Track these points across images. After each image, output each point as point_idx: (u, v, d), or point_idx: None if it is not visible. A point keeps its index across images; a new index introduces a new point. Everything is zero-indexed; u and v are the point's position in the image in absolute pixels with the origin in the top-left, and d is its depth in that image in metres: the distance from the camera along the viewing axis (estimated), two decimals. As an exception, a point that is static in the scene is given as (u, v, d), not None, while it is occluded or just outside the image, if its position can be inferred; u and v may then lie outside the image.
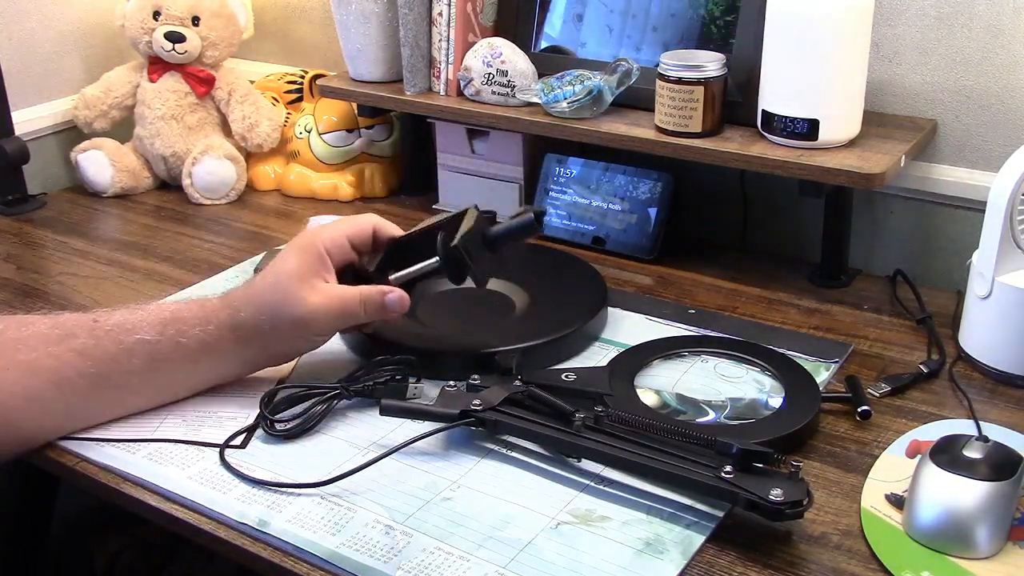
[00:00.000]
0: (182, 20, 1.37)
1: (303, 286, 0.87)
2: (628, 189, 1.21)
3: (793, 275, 1.15)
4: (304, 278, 0.87)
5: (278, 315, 0.87)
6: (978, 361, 0.95)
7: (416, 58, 1.26)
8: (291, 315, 0.87)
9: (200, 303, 0.89)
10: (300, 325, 0.87)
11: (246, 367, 0.91)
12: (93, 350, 0.84)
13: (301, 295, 0.87)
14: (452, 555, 0.73)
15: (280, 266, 0.88)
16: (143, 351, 0.85)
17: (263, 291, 0.88)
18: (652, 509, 0.77)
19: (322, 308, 0.87)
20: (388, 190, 1.42)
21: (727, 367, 0.95)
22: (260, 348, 0.89)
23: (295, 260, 0.88)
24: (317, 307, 0.87)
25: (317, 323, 0.88)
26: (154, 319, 0.86)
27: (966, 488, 0.72)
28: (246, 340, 0.88)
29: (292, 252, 0.89)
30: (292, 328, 0.87)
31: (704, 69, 1.07)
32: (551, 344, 0.96)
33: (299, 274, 0.87)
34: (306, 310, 0.86)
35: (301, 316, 0.87)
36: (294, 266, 0.88)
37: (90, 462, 0.85)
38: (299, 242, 0.90)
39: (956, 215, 1.13)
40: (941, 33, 1.08)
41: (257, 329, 0.87)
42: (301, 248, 0.89)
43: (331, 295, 0.88)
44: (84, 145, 1.42)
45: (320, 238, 0.90)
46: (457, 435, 0.86)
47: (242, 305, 0.88)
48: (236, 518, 0.77)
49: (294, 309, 0.86)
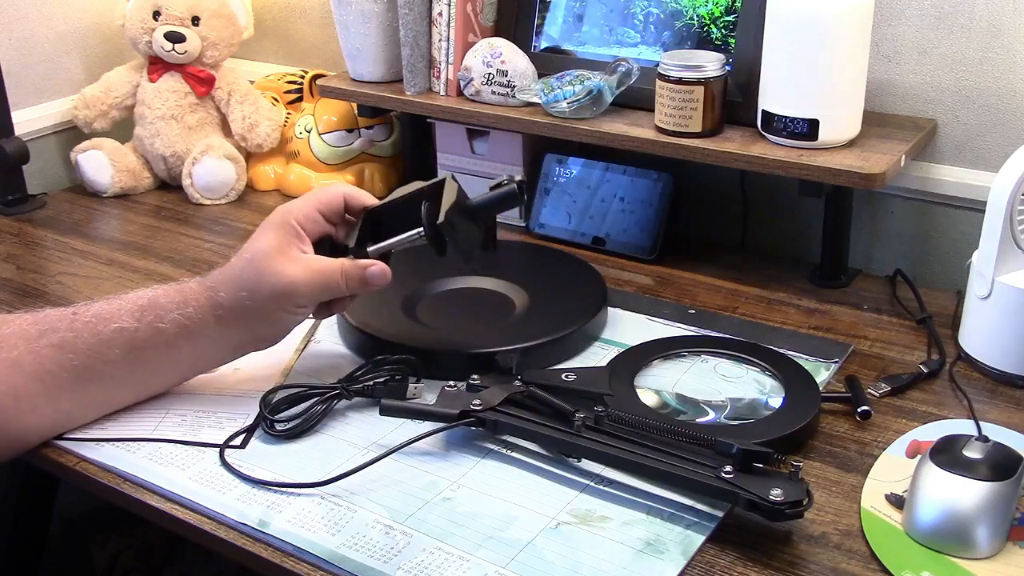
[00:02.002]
0: (182, 20, 1.37)
1: (281, 259, 0.86)
2: (628, 189, 1.21)
3: (793, 275, 1.15)
4: (281, 251, 0.87)
5: (258, 290, 0.86)
6: (978, 361, 0.95)
7: (416, 58, 1.26)
8: (271, 288, 0.86)
9: (178, 287, 0.88)
10: (281, 297, 0.86)
11: (230, 349, 0.90)
12: (72, 342, 0.83)
13: (279, 268, 0.86)
14: (452, 555, 0.73)
15: (256, 243, 0.88)
16: (122, 340, 0.84)
17: (241, 268, 0.87)
18: (652, 509, 0.77)
19: (302, 279, 0.86)
20: (388, 190, 1.41)
21: (727, 367, 0.95)
22: (242, 327, 0.88)
23: (270, 235, 0.88)
24: (296, 278, 0.86)
25: (298, 294, 0.86)
26: (131, 307, 0.86)
27: (966, 488, 0.72)
28: (227, 319, 0.87)
29: (266, 229, 0.89)
30: (273, 301, 0.86)
31: (704, 69, 1.07)
32: (551, 344, 0.96)
33: (276, 247, 0.87)
34: (286, 281, 0.86)
35: (281, 288, 0.86)
36: (270, 240, 0.87)
37: (90, 462, 0.85)
38: (271, 219, 0.89)
39: (956, 215, 1.13)
40: (941, 33, 1.08)
41: (237, 306, 0.86)
42: (274, 224, 0.88)
43: (310, 266, 0.87)
44: (84, 145, 1.42)
45: (292, 212, 0.89)
46: (457, 435, 0.86)
47: (220, 285, 0.87)
48: (236, 518, 0.77)
49: (274, 282, 0.86)
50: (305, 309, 0.89)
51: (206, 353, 0.89)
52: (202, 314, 0.86)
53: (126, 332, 0.85)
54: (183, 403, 0.91)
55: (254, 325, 0.88)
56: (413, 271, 1.11)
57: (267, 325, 0.89)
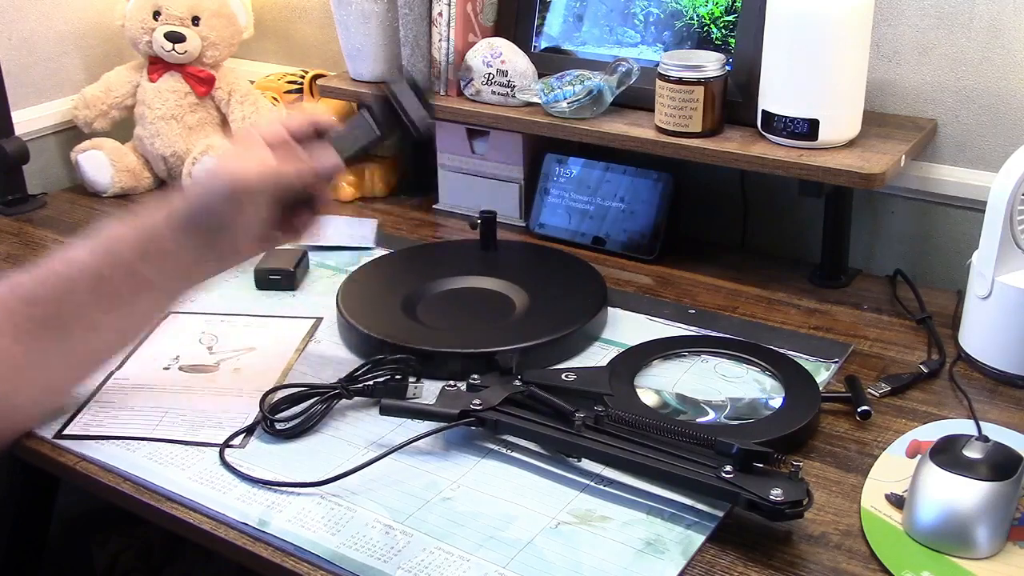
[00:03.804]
0: (182, 20, 1.37)
1: (235, 159, 0.85)
2: (628, 189, 1.21)
3: (793, 275, 1.15)
4: (238, 153, 0.86)
5: (211, 187, 0.84)
6: (978, 361, 0.95)
7: (416, 58, 1.26)
8: (223, 184, 0.84)
9: (134, 212, 0.86)
10: (233, 193, 0.83)
11: (198, 265, 0.87)
12: (37, 291, 0.82)
13: (232, 166, 0.85)
14: (452, 555, 0.73)
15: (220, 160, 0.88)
16: (84, 277, 0.82)
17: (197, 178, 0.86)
18: (652, 509, 0.77)
19: (254, 171, 0.84)
20: (388, 190, 1.42)
21: (727, 367, 0.95)
22: (199, 235, 0.84)
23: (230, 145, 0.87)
24: (249, 171, 0.84)
25: (250, 188, 0.84)
26: (91, 243, 0.84)
27: (966, 488, 0.72)
28: (183, 228, 0.84)
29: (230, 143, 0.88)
30: (227, 202, 0.84)
31: (704, 69, 1.07)
32: (551, 344, 0.96)
33: (232, 152, 0.86)
34: (239, 175, 0.84)
35: (232, 181, 0.84)
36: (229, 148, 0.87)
37: (90, 462, 0.85)
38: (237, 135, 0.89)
39: (956, 215, 1.13)
40: (941, 33, 1.08)
41: (191, 209, 0.84)
42: (238, 138, 0.88)
43: (264, 161, 0.85)
44: (84, 145, 1.42)
45: (259, 130, 0.87)
46: (457, 435, 0.86)
47: (176, 197, 0.85)
48: (236, 518, 0.77)
49: (225, 177, 0.84)
50: (261, 211, 0.85)
51: (172, 273, 0.85)
52: (158, 229, 0.84)
53: (87, 268, 0.82)
54: (183, 403, 0.91)
55: (211, 233, 0.85)
56: (413, 271, 1.11)
57: (226, 234, 0.85)
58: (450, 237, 1.27)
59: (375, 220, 1.30)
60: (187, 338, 1.02)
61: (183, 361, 0.98)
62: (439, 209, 1.35)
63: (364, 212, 1.34)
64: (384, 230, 1.27)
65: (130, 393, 0.93)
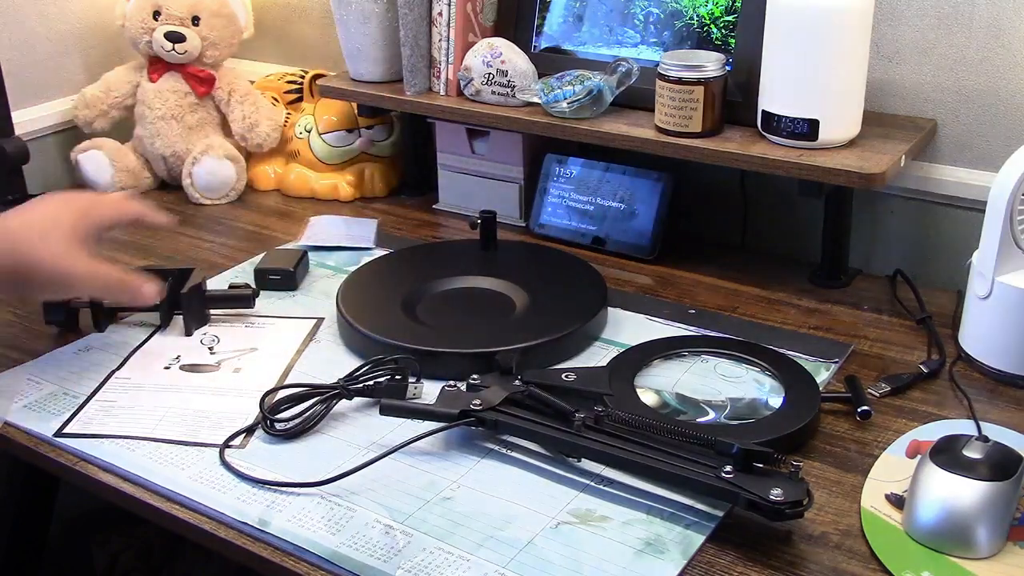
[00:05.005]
0: (182, 20, 1.37)
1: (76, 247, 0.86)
2: (628, 189, 1.21)
3: (793, 275, 1.15)
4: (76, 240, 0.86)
5: (43, 266, 0.85)
6: (978, 361, 0.95)
7: (416, 58, 1.26)
8: (60, 270, 0.85)
9: None
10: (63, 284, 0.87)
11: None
12: None
13: (74, 254, 0.86)
14: (452, 555, 0.73)
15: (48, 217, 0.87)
16: None
17: (28, 237, 0.85)
18: (652, 509, 0.77)
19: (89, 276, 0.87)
20: (388, 190, 1.42)
21: (727, 367, 0.95)
22: (13, 287, 0.87)
23: (69, 219, 0.87)
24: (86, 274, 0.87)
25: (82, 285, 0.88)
26: None
27: (966, 488, 0.72)
28: (9, 275, 0.85)
29: (64, 210, 0.88)
30: (53, 281, 0.86)
31: (704, 69, 1.07)
32: (551, 344, 0.96)
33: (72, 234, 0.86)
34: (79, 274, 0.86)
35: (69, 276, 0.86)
36: (69, 226, 0.87)
37: (90, 461, 0.85)
38: (73, 201, 0.90)
39: (956, 215, 1.13)
40: (941, 33, 1.08)
41: (11, 273, 0.84)
42: (77, 210, 0.88)
43: (104, 270, 0.88)
44: (84, 145, 1.42)
45: (97, 212, 0.90)
46: (457, 435, 0.86)
47: (21, 246, 0.85)
48: (236, 518, 0.77)
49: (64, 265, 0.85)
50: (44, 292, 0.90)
51: None
52: None
53: None
54: (183, 403, 0.91)
55: (19, 288, 0.87)
56: (413, 271, 1.11)
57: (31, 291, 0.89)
58: (450, 237, 1.27)
59: (375, 220, 1.30)
60: (188, 338, 1.02)
61: (184, 361, 0.98)
62: (439, 209, 1.35)
63: (364, 212, 1.35)
64: (384, 230, 1.27)
65: (130, 392, 0.93)
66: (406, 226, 1.30)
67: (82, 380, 0.95)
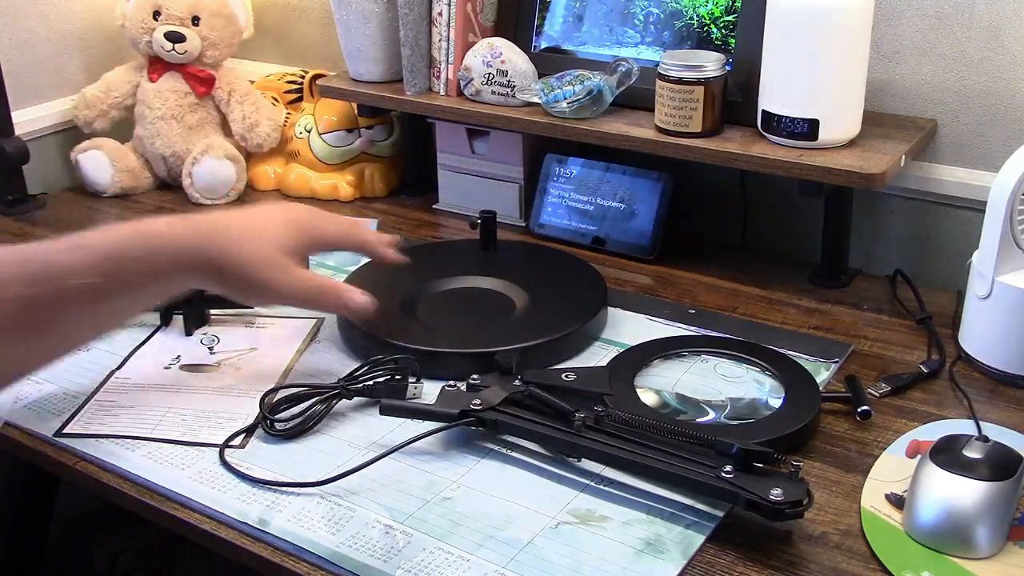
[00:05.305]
0: (182, 20, 1.37)
1: (286, 258, 0.87)
2: (628, 189, 1.21)
3: (793, 275, 1.15)
4: (289, 253, 0.87)
5: (248, 268, 0.85)
6: (978, 361, 0.95)
7: (416, 58, 1.26)
8: (264, 277, 0.86)
9: (144, 232, 0.83)
10: (265, 291, 0.87)
11: (183, 288, 0.90)
12: (31, 300, 0.78)
13: (282, 264, 0.86)
14: (452, 555, 0.73)
15: (268, 224, 0.88)
16: (83, 294, 0.80)
17: (242, 236, 0.86)
18: (652, 509, 0.77)
19: (292, 286, 0.87)
20: (388, 190, 1.42)
21: (727, 367, 0.95)
22: (207, 283, 0.87)
23: (286, 232, 0.88)
24: (290, 285, 0.87)
25: (284, 296, 0.88)
26: (95, 258, 0.80)
27: (966, 488, 0.72)
28: (198, 271, 0.85)
29: (286, 222, 0.89)
30: (255, 287, 0.86)
31: (704, 69, 1.07)
32: (551, 344, 0.96)
33: (287, 247, 0.87)
34: (283, 284, 0.86)
35: (272, 284, 0.86)
36: (285, 237, 0.87)
37: (90, 461, 0.85)
38: (297, 217, 0.90)
39: (956, 215, 1.13)
40: (941, 33, 1.08)
41: (217, 267, 0.84)
42: (298, 226, 0.89)
43: (308, 279, 0.89)
44: (84, 145, 1.42)
45: (319, 234, 0.91)
46: (457, 435, 0.86)
47: (209, 237, 0.85)
48: (236, 517, 0.77)
49: (269, 273, 0.86)
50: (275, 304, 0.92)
51: (167, 293, 0.88)
52: (176, 265, 0.83)
53: (88, 287, 0.80)
54: (183, 402, 0.91)
55: (220, 289, 0.87)
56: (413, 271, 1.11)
57: (234, 296, 0.89)
58: (450, 237, 1.27)
59: (375, 220, 1.30)
60: (188, 338, 1.02)
61: (184, 360, 0.98)
62: (439, 209, 1.35)
63: (364, 212, 1.35)
64: (384, 230, 1.27)
65: (131, 392, 0.93)
66: (406, 226, 1.30)
67: (82, 380, 0.95)
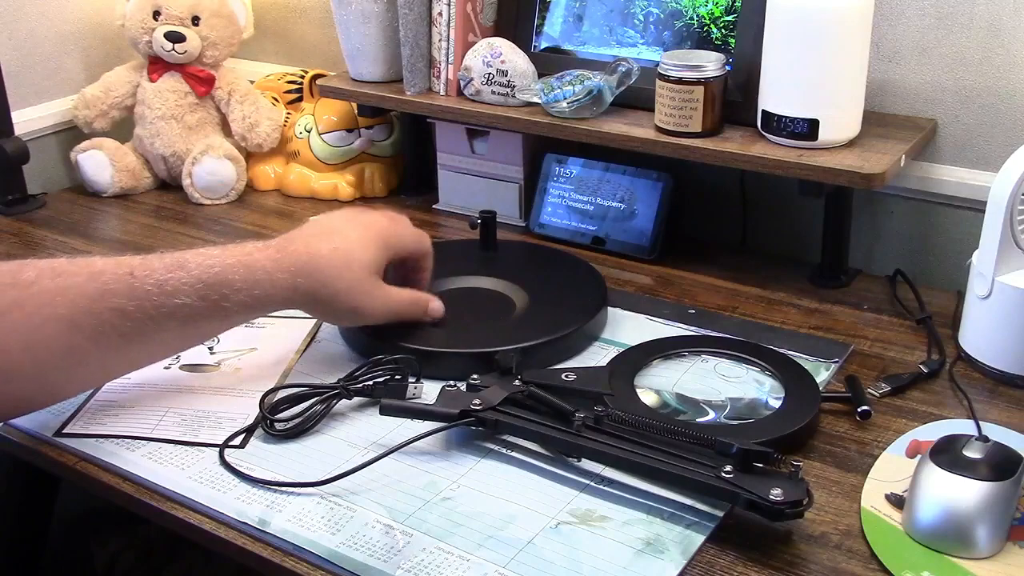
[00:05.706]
0: (182, 20, 1.37)
1: (368, 286, 0.90)
2: (628, 189, 1.21)
3: (793, 275, 1.15)
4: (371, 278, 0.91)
5: (339, 297, 0.89)
6: (978, 361, 0.95)
7: (416, 58, 1.26)
8: (353, 303, 0.90)
9: (247, 260, 0.86)
10: (355, 315, 0.92)
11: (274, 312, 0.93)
12: (131, 313, 0.81)
13: (368, 288, 0.90)
14: (452, 555, 0.73)
15: (354, 248, 0.90)
16: (183, 314, 0.83)
17: (331, 266, 0.88)
18: (652, 509, 0.77)
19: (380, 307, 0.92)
20: (388, 190, 1.42)
21: (727, 367, 0.95)
22: (304, 310, 0.91)
23: (372, 251, 0.90)
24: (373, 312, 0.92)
25: (373, 317, 0.92)
26: (196, 281, 0.83)
27: (966, 488, 0.72)
28: (293, 302, 0.88)
29: (370, 240, 0.91)
30: (346, 313, 0.91)
31: (704, 69, 1.07)
32: (551, 344, 0.96)
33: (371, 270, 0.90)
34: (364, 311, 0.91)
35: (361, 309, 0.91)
36: (370, 258, 0.90)
37: (90, 461, 0.85)
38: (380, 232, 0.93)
39: (956, 215, 1.13)
40: (941, 33, 1.08)
41: (311, 299, 0.88)
42: (381, 242, 0.92)
43: (394, 298, 0.93)
44: (84, 145, 1.42)
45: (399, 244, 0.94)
46: (457, 435, 0.86)
47: (302, 272, 0.87)
48: (236, 517, 0.77)
49: (359, 299, 0.90)
50: None
51: (254, 317, 0.91)
52: (269, 296, 0.86)
53: (187, 309, 0.83)
54: (183, 403, 0.91)
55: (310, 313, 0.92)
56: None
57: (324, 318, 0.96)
58: (450, 237, 1.27)
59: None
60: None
61: (184, 360, 0.98)
62: (439, 209, 1.35)
63: (364, 212, 1.34)
64: (384, 230, 1.27)
65: (130, 392, 0.93)
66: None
67: (82, 380, 0.95)
